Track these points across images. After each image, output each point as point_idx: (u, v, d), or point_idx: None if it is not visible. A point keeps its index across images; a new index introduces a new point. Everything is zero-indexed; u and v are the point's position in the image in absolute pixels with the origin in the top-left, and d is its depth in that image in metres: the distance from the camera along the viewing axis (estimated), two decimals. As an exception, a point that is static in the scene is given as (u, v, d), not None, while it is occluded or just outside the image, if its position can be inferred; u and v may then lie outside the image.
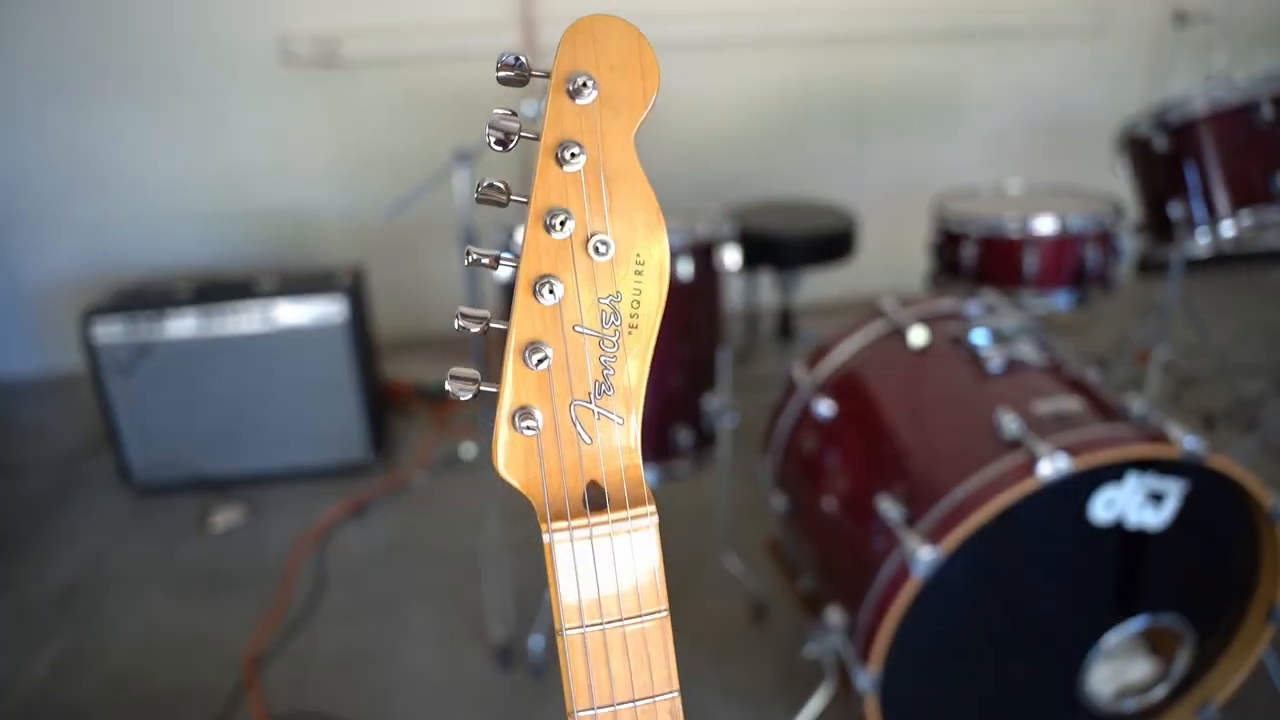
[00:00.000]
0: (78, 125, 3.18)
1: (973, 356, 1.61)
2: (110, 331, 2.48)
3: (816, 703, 1.60)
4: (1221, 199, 2.10)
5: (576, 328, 0.48)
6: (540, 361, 0.47)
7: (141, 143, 3.23)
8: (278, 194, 3.35)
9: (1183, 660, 1.57)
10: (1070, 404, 1.46)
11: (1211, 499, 1.42)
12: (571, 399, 0.47)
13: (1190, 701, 1.62)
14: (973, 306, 1.74)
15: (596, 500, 0.46)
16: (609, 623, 0.43)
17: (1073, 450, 1.30)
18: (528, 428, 0.47)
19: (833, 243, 2.55)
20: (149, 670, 2.00)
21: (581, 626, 0.43)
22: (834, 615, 1.49)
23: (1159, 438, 1.34)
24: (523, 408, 0.48)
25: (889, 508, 1.40)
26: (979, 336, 1.64)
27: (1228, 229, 2.10)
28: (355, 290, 2.62)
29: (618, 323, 0.47)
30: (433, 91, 3.27)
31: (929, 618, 1.40)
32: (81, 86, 3.14)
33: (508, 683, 1.91)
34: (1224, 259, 4.20)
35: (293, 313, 2.53)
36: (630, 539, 0.42)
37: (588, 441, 0.47)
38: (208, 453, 2.62)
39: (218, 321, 2.51)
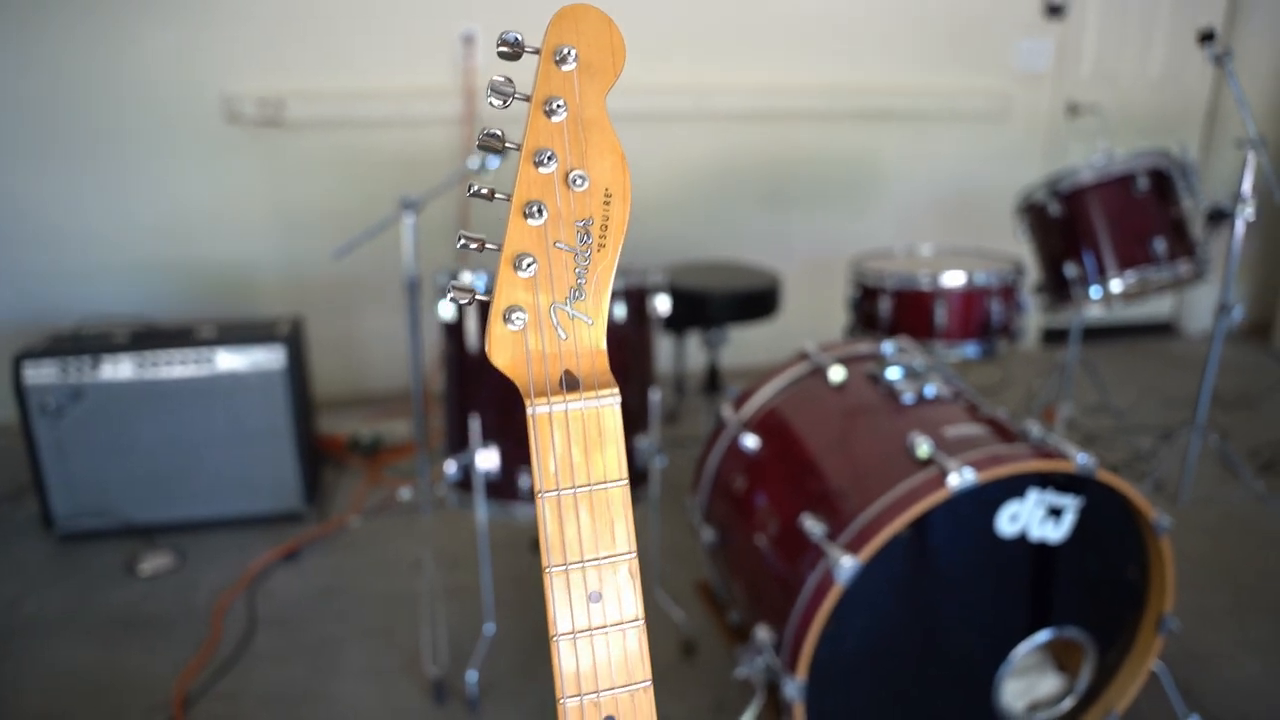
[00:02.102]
0: (14, 176, 3.19)
1: (888, 390, 1.74)
2: (41, 374, 2.47)
3: (747, 718, 1.66)
4: (1110, 259, 2.30)
5: (557, 244, 0.57)
6: (528, 267, 0.57)
7: (81, 195, 3.25)
8: (218, 248, 3.39)
9: (1086, 673, 1.68)
10: (976, 429, 1.59)
11: (1105, 514, 1.55)
12: (552, 301, 0.57)
13: (1094, 712, 1.72)
14: (887, 347, 1.87)
15: (571, 385, 0.54)
16: (579, 487, 0.51)
17: (978, 465, 1.42)
18: (515, 321, 0.56)
19: (757, 300, 2.70)
20: (70, 713, 1.96)
21: (557, 490, 0.51)
22: (762, 633, 1.57)
23: (1055, 455, 1.47)
24: (511, 306, 0.57)
25: (812, 526, 1.50)
26: (893, 373, 1.77)
27: (1117, 286, 2.30)
28: (294, 339, 2.66)
29: (590, 241, 0.57)
30: (374, 153, 3.37)
31: (851, 627, 1.48)
32: (20, 139, 3.16)
33: (443, 717, 1.92)
34: (1126, 330, 4.50)
35: (231, 360, 2.56)
36: (599, 414, 0.50)
37: (564, 337, 0.56)
38: (137, 500, 2.60)
39: (154, 366, 2.52)
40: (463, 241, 0.63)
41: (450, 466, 1.95)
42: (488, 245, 0.62)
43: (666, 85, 3.59)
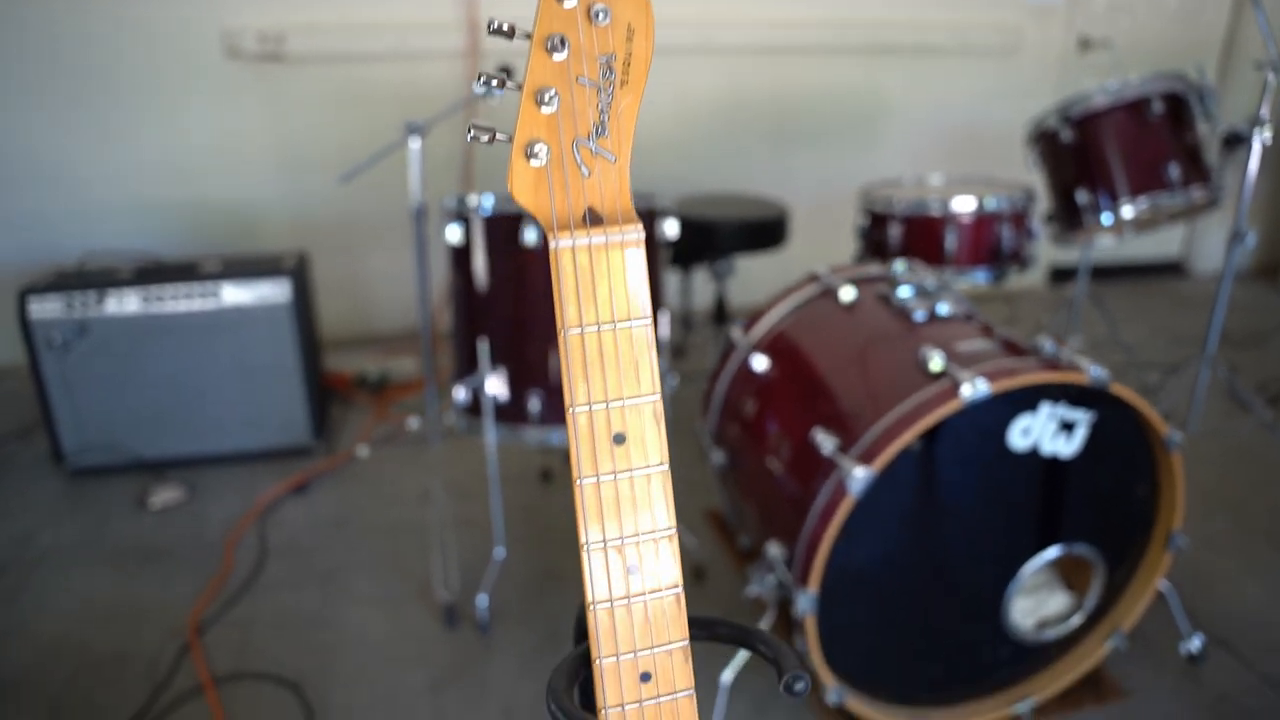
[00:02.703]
0: (15, 116, 3.16)
1: (899, 309, 1.73)
2: (46, 308, 2.47)
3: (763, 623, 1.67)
4: (1122, 185, 2.28)
5: (580, 79, 0.56)
6: (550, 101, 0.55)
7: (79, 134, 3.22)
8: (221, 187, 3.36)
9: (1095, 591, 1.68)
10: (988, 345, 1.58)
11: (1117, 430, 1.55)
12: (575, 137, 0.56)
13: (1101, 630, 1.73)
14: (898, 266, 1.86)
15: (595, 221, 0.53)
16: (603, 324, 0.50)
17: (991, 376, 1.41)
18: (535, 157, 0.55)
19: (765, 230, 2.67)
20: (86, 640, 1.98)
21: (580, 326, 0.50)
22: (773, 550, 1.57)
23: (1068, 367, 1.46)
24: (532, 140, 0.56)
25: (824, 440, 1.49)
26: (904, 291, 1.75)
27: (1128, 212, 2.27)
28: (299, 274, 2.65)
29: (612, 78, 0.56)
30: (377, 88, 3.33)
31: (862, 542, 1.49)
32: (21, 78, 3.12)
33: (454, 640, 1.94)
34: (1134, 270, 4.47)
35: (237, 294, 2.54)
36: (622, 251, 0.49)
37: (586, 174, 0.55)
38: (146, 435, 2.60)
39: (159, 301, 2.51)
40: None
41: (459, 392, 1.94)
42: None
43: (670, 18, 3.52)
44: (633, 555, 0.54)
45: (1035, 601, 1.72)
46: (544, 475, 2.55)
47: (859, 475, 1.38)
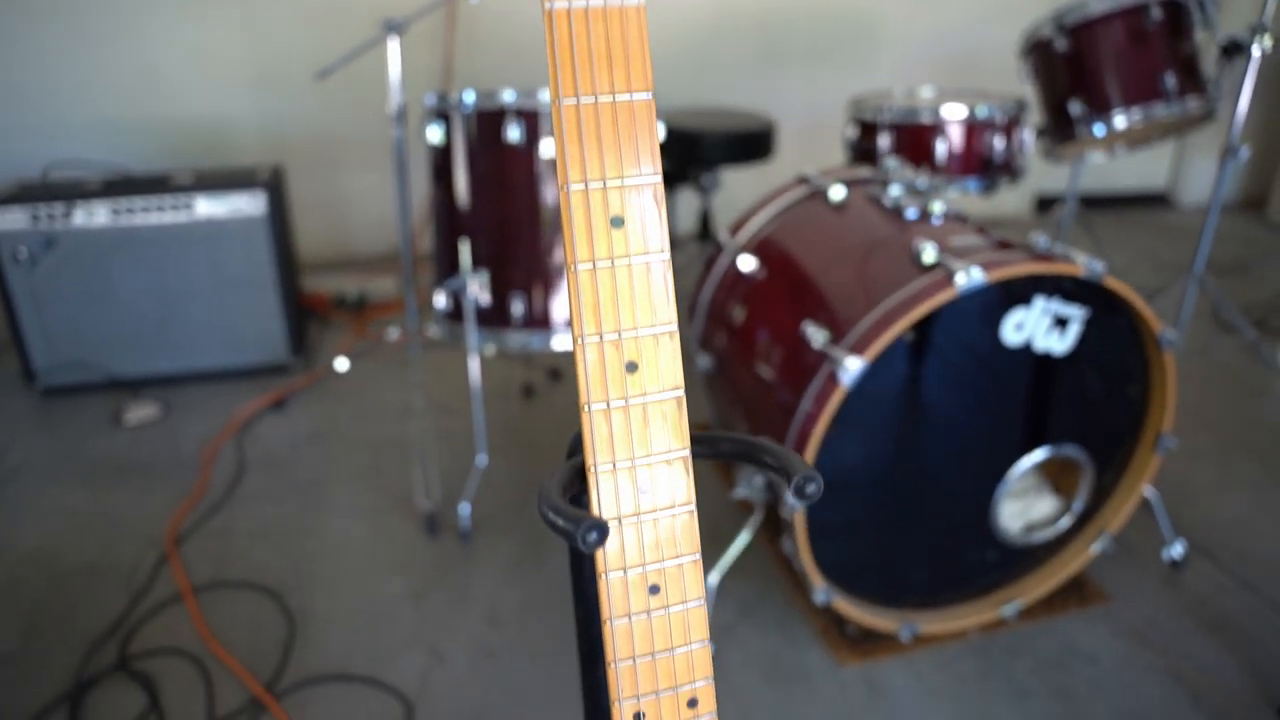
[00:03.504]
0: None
1: (891, 207, 1.69)
2: (11, 220, 2.39)
3: (743, 537, 1.65)
4: (1116, 94, 2.23)
5: None
6: None
7: (47, 44, 3.10)
8: (191, 104, 3.26)
9: (1083, 493, 1.68)
10: (982, 240, 1.55)
11: (1110, 328, 1.53)
12: None
13: (1088, 533, 1.73)
14: (889, 163, 1.82)
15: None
16: (601, 95, 0.45)
17: (986, 265, 1.38)
18: None
19: (751, 141, 2.62)
20: (63, 551, 1.95)
21: (576, 97, 0.45)
22: (760, 446, 1.55)
23: (1064, 260, 1.43)
24: None
25: (814, 333, 1.46)
26: (895, 189, 1.71)
27: (1121, 122, 2.23)
28: (275, 186, 2.57)
29: None
30: (354, 3, 3.22)
31: (852, 438, 1.47)
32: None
33: (436, 549, 1.92)
34: (1120, 200, 4.45)
35: (211, 207, 2.47)
36: (621, 14, 0.44)
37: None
38: (120, 352, 2.55)
39: (129, 213, 2.44)
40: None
41: (439, 298, 1.90)
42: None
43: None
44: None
45: (1023, 505, 1.71)
46: (526, 390, 2.52)
47: (850, 365, 1.35)
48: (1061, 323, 1.49)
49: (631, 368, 0.49)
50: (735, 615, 1.73)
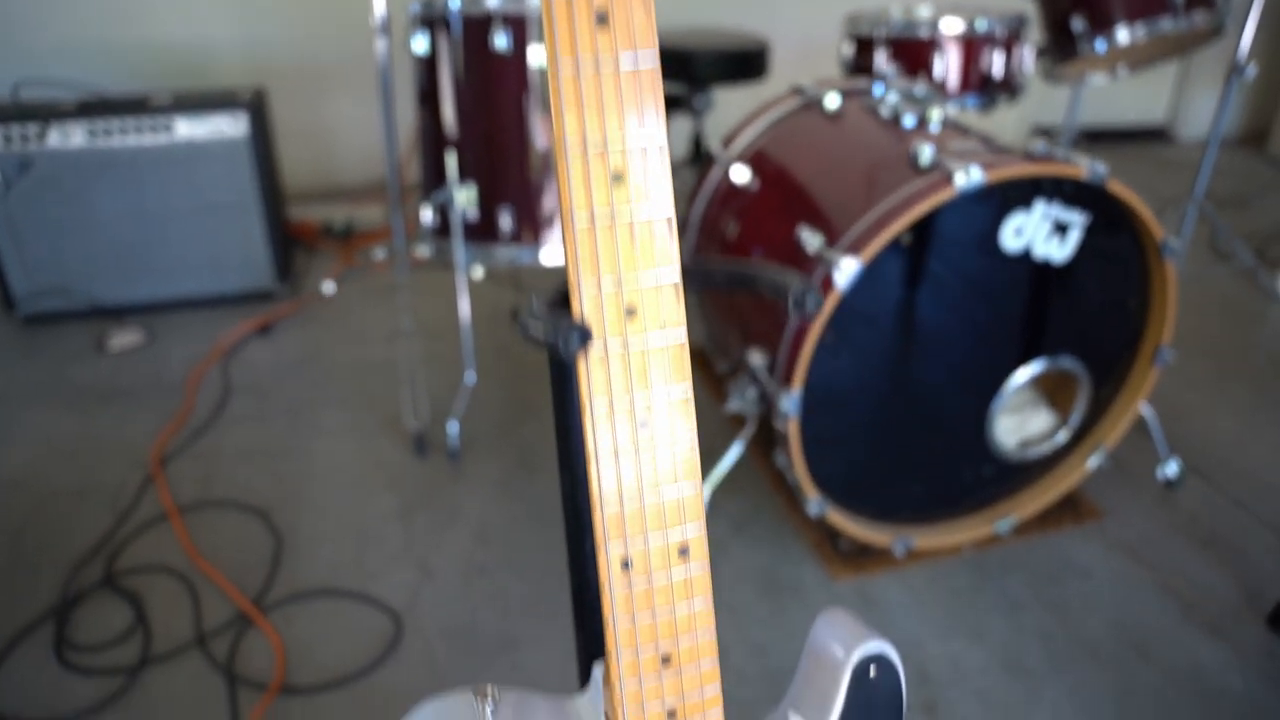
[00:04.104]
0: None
1: (887, 115, 1.64)
2: (-14, 141, 2.32)
3: (735, 449, 1.63)
4: (1119, 9, 2.17)
5: None
6: None
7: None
8: (169, 28, 3.16)
9: (1079, 408, 1.66)
10: (982, 145, 1.50)
11: (1111, 236, 1.49)
12: None
13: (1084, 449, 1.71)
14: (886, 70, 1.77)
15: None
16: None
17: (986, 166, 1.34)
18: None
19: (744, 60, 2.56)
20: (47, 474, 1.92)
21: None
22: (755, 358, 1.52)
23: (1066, 162, 1.39)
24: None
25: (809, 237, 1.43)
26: (892, 97, 1.67)
27: (1124, 38, 2.18)
28: (257, 107, 2.51)
29: None
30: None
31: (847, 345, 1.44)
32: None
33: (424, 468, 1.90)
34: (1118, 135, 4.39)
35: (191, 128, 2.41)
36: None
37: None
38: (102, 279, 2.50)
39: (107, 135, 2.37)
40: None
41: (426, 213, 1.85)
42: None
43: None
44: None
45: (1018, 420, 1.69)
46: (516, 315, 2.48)
47: (846, 267, 1.32)
48: (1062, 229, 1.45)
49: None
50: (728, 532, 1.71)
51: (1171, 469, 1.82)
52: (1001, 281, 1.48)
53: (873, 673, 0.62)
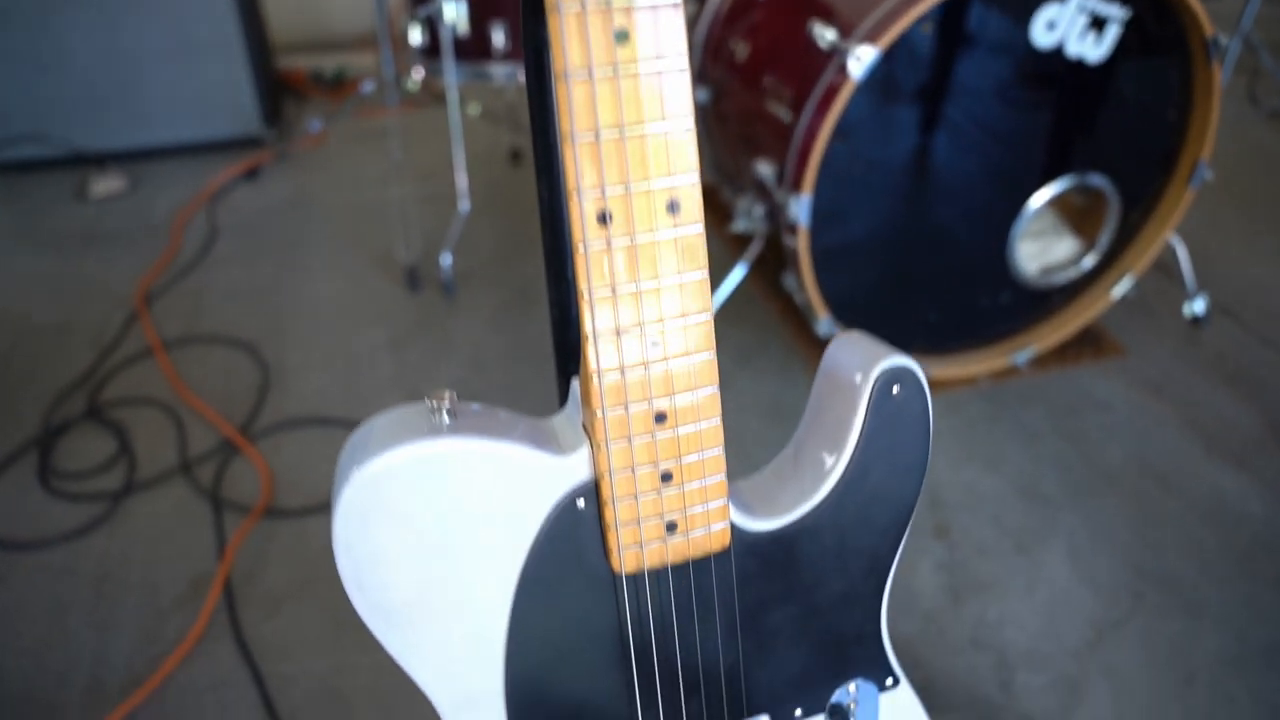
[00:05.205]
0: None
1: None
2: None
3: (740, 269, 1.55)
4: None
5: None
6: None
7: None
8: None
9: (1107, 231, 1.56)
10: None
11: (1151, 35, 1.37)
12: None
13: (1109, 277, 1.62)
14: None
15: None
16: None
17: (1019, -57, 1.21)
18: None
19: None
20: (29, 312, 1.86)
21: None
22: (763, 168, 1.42)
23: (1107, -58, 1.26)
24: None
25: (822, 31, 1.31)
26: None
27: None
28: (235, -65, 2.35)
29: None
30: None
31: (861, 151, 1.34)
32: None
33: (417, 301, 1.82)
34: None
35: (164, -44, 2.26)
36: None
37: None
38: (80, 125, 2.38)
39: (76, -38, 2.23)
40: None
41: (414, 33, 1.73)
42: None
43: None
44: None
45: (1040, 246, 1.60)
46: (513, 155, 2.37)
47: (862, 55, 1.20)
48: (1099, 24, 1.33)
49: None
50: (733, 364, 1.64)
51: (1199, 305, 1.73)
52: (1030, 82, 1.36)
53: (896, 391, 0.54)
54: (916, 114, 1.35)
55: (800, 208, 1.30)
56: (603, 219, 0.43)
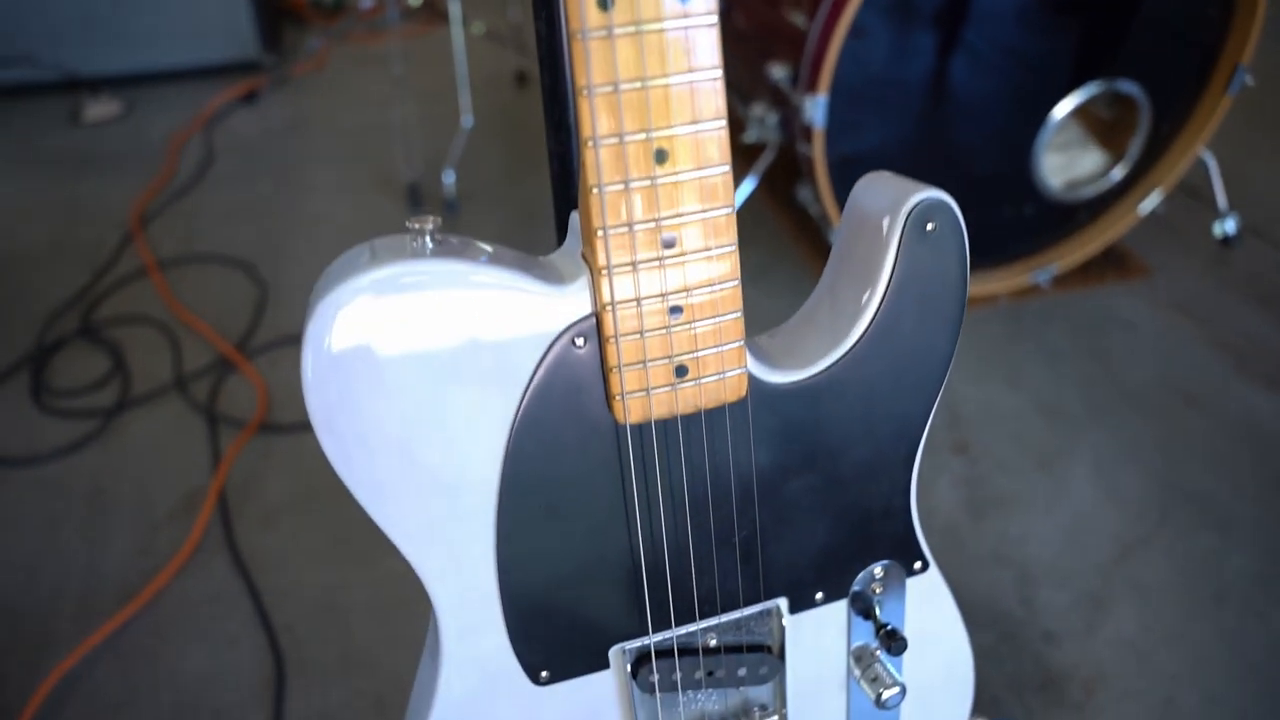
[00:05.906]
0: None
1: None
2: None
3: (750, 181, 1.49)
4: None
5: None
6: None
7: None
8: None
9: (1137, 141, 1.49)
10: None
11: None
12: None
13: (1138, 191, 1.55)
14: None
15: None
16: None
17: None
18: None
19: None
20: (21, 233, 1.81)
21: None
22: (776, 71, 1.36)
23: None
24: None
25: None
26: None
27: None
28: None
29: None
30: None
31: (878, 49, 1.27)
32: None
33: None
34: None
35: None
36: None
37: None
38: (73, 48, 2.31)
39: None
40: None
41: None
42: None
43: None
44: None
45: (1066, 159, 1.53)
46: (519, 78, 2.30)
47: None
48: (1138, -89, 1.25)
49: None
50: (744, 282, 1.58)
51: (1230, 225, 1.66)
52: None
53: (930, 228, 0.49)
54: (938, 11, 1.28)
55: (816, 109, 1.24)
56: (604, 4, 0.38)
